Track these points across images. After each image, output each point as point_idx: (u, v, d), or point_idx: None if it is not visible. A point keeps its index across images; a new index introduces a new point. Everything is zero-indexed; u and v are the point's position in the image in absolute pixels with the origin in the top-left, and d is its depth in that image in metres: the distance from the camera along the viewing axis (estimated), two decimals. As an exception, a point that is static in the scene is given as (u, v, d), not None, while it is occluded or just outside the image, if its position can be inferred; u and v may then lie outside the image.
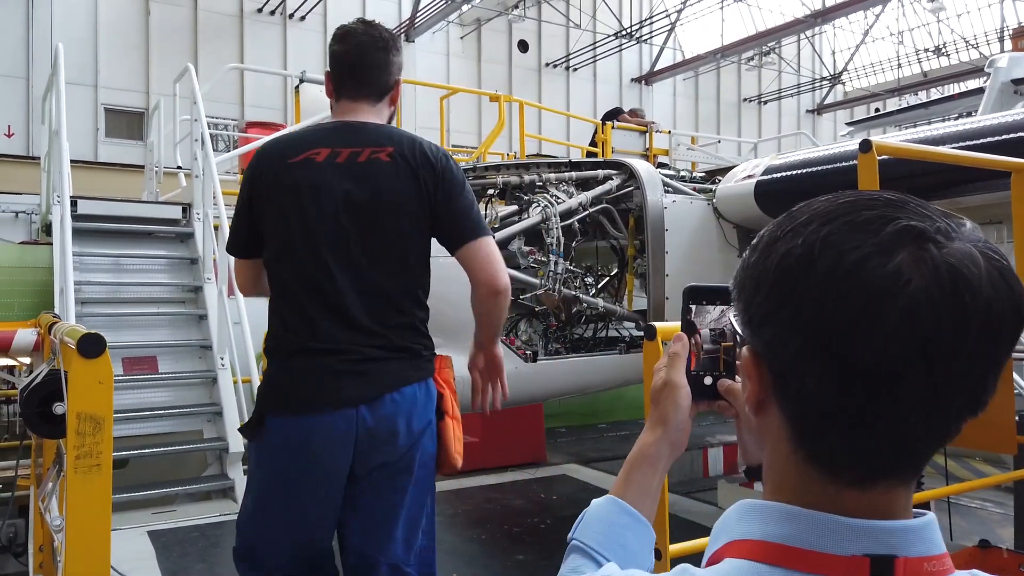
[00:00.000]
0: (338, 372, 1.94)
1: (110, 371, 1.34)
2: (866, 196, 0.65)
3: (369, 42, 2.14)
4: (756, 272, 0.66)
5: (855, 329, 0.59)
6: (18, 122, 15.77)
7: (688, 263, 4.33)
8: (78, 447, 1.27)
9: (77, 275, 5.48)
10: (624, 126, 8.53)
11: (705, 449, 7.15)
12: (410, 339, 2.07)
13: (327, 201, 1.99)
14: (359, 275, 2.00)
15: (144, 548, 4.00)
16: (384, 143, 2.05)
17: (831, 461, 0.64)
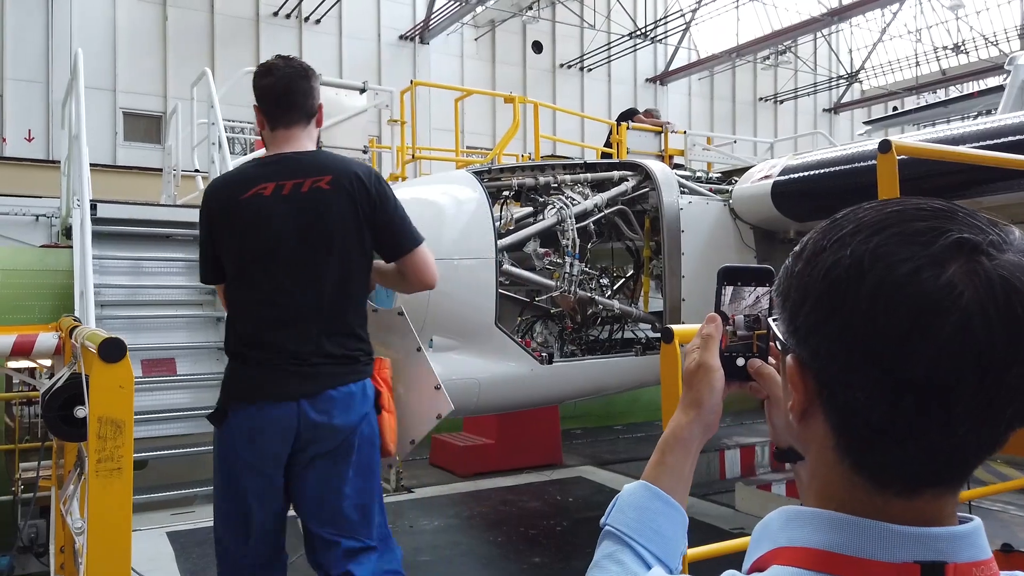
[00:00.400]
0: (287, 372, 2.26)
1: (131, 375, 1.35)
2: (914, 205, 0.65)
3: (292, 72, 2.41)
4: (802, 282, 0.66)
5: (906, 342, 0.59)
6: (38, 126, 15.96)
7: (704, 264, 4.31)
8: (99, 451, 1.28)
9: (97, 278, 5.53)
10: (639, 127, 8.50)
11: (722, 451, 7.11)
12: (350, 347, 2.35)
13: (277, 230, 2.29)
14: (306, 293, 2.30)
15: (163, 549, 4.03)
16: (323, 172, 2.33)
17: (880, 471, 0.64)
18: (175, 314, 6.00)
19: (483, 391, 3.84)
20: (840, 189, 3.90)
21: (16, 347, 2.50)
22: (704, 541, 3.80)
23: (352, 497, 2.30)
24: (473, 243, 3.75)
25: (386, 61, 19.46)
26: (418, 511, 5.03)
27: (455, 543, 4.44)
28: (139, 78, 16.86)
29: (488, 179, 4.09)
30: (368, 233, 2.36)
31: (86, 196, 5.51)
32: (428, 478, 6.02)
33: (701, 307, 4.31)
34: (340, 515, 2.29)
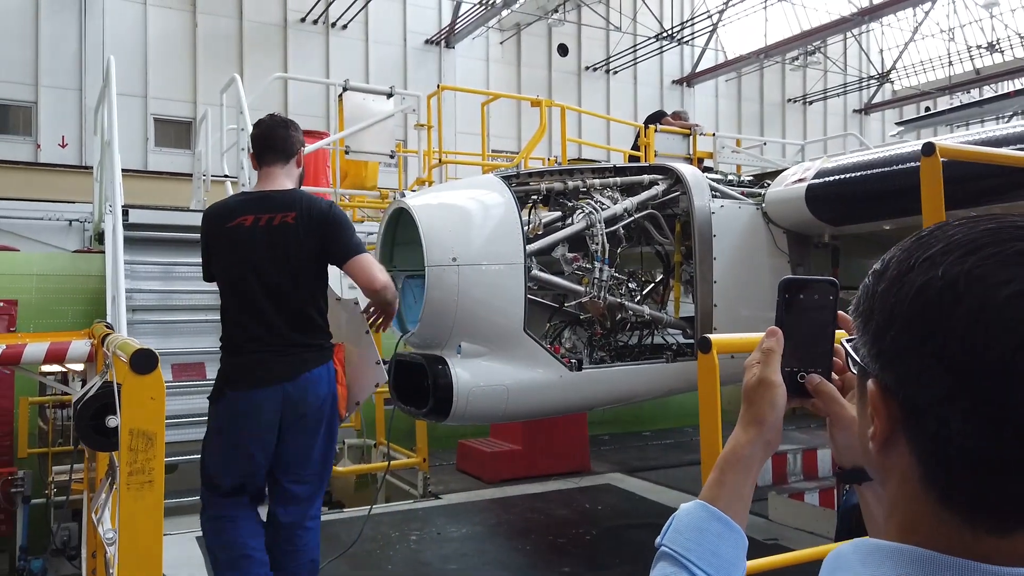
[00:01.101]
0: (269, 363, 2.96)
1: (162, 387, 1.33)
2: (1010, 224, 0.61)
3: (274, 124, 3.25)
4: (887, 303, 0.62)
5: (1009, 372, 0.55)
6: (72, 133, 16.26)
7: (737, 269, 4.24)
8: (131, 463, 1.27)
9: (128, 283, 5.59)
10: (667, 129, 8.41)
11: (753, 458, 6.99)
12: (316, 338, 3.07)
13: (256, 254, 3.01)
14: (280, 301, 3.01)
15: (193, 554, 4.05)
16: (290, 209, 3.06)
17: (971, 507, 0.59)
18: (205, 319, 6.03)
19: (511, 398, 3.80)
20: (878, 192, 3.81)
21: (49, 355, 2.52)
22: (738, 552, 3.66)
23: (317, 459, 3.06)
24: (501, 248, 3.72)
25: (412, 65, 19.55)
26: (445, 518, 5.00)
27: (483, 551, 4.40)
28: (169, 85, 17.11)
29: (516, 183, 4.05)
30: (323, 253, 3.07)
31: (118, 202, 5.57)
32: (455, 484, 5.99)
33: (733, 313, 4.24)
34: (305, 470, 3.03)
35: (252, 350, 2.98)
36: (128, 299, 5.58)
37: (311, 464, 3.04)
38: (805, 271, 4.48)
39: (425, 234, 3.61)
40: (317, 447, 3.05)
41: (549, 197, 4.24)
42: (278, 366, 2.95)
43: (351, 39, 19.03)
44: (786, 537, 4.58)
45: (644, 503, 5.35)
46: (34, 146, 16.16)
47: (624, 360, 4.28)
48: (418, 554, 4.33)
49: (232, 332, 3.07)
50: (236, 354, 3.03)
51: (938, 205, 2.60)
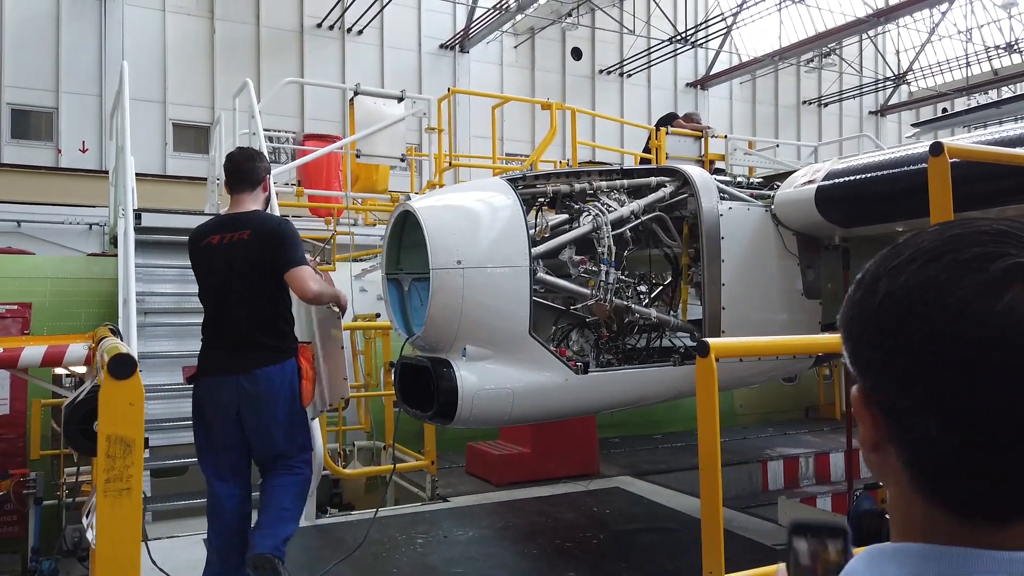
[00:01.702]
0: (229, 358, 3.50)
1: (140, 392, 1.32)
2: (975, 229, 0.61)
3: (242, 157, 3.80)
4: (862, 311, 0.63)
5: (972, 377, 0.55)
6: (92, 138, 16.44)
7: (745, 272, 4.19)
8: (108, 470, 1.25)
9: (141, 286, 5.63)
10: (679, 131, 8.36)
11: (765, 462, 6.93)
12: (273, 340, 3.55)
13: (221, 267, 3.58)
14: (242, 307, 3.53)
15: (199, 556, 4.05)
16: (246, 227, 3.58)
17: (961, 507, 0.60)
18: (216, 322, 6.06)
19: (517, 401, 3.78)
20: (888, 193, 3.76)
21: (46, 358, 2.53)
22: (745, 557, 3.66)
23: (280, 439, 3.52)
24: (507, 251, 3.70)
25: (427, 70, 19.61)
26: (452, 520, 4.99)
27: (489, 555, 4.38)
28: (188, 90, 17.27)
29: (523, 186, 4.04)
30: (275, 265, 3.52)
31: (130, 206, 5.62)
32: (463, 486, 5.98)
33: (742, 315, 4.19)
34: (272, 449, 3.54)
35: (218, 347, 3.58)
36: (141, 302, 5.63)
37: (274, 442, 3.54)
38: (815, 274, 4.43)
39: (430, 237, 3.61)
40: (277, 428, 3.52)
41: (556, 200, 4.23)
42: (236, 361, 3.49)
43: (367, 44, 19.11)
44: (797, 543, 4.52)
45: (653, 507, 5.30)
46: (55, 151, 16.35)
47: (631, 363, 4.25)
48: (424, 557, 4.31)
49: (206, 331, 3.67)
50: (207, 349, 3.63)
51: (946, 206, 2.56)
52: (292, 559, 4.23)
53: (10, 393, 5.70)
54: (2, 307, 6.03)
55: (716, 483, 1.95)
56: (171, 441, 5.28)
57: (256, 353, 3.48)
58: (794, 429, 7.97)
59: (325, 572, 3.96)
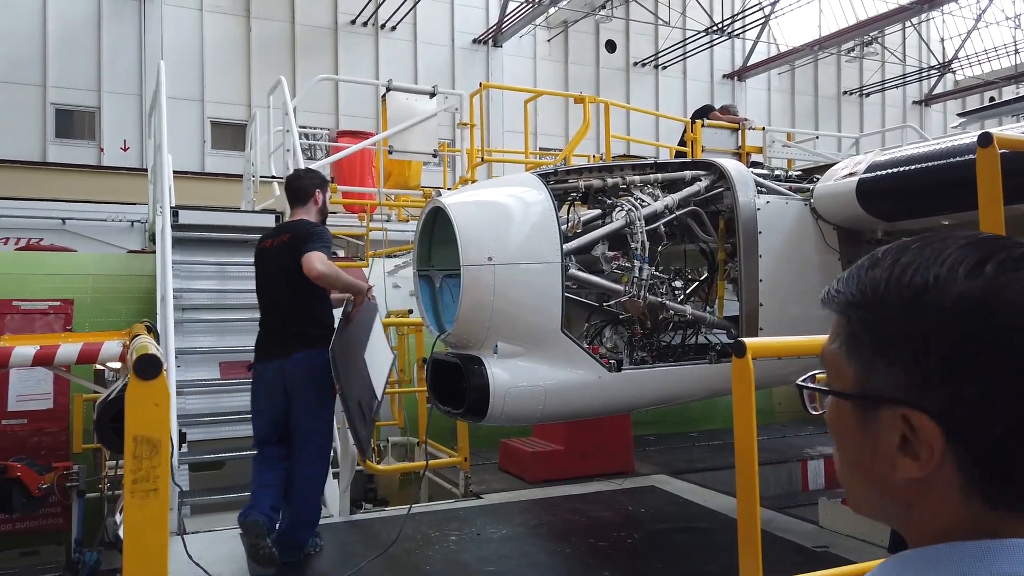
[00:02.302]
0: (275, 346, 4.12)
1: (166, 393, 1.32)
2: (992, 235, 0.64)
3: (293, 177, 4.54)
4: (923, 324, 0.62)
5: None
6: (133, 137, 16.77)
7: (784, 267, 4.09)
8: (135, 471, 1.25)
9: (179, 282, 5.71)
10: (715, 124, 8.22)
11: (805, 461, 6.80)
12: (305, 328, 4.09)
13: (268, 267, 4.22)
14: (281, 301, 4.15)
15: (236, 551, 4.09)
16: (287, 233, 4.22)
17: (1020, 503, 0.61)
18: (253, 317, 6.12)
19: (549, 399, 3.74)
20: (934, 186, 3.63)
21: (82, 355, 2.57)
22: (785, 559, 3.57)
23: (311, 415, 4.07)
24: (538, 247, 3.66)
25: (460, 65, 19.62)
26: (486, 518, 4.97)
27: (523, 553, 4.35)
28: (225, 88, 17.51)
29: (554, 181, 3.99)
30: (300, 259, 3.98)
31: (167, 203, 5.69)
32: (497, 484, 5.96)
33: (780, 312, 4.09)
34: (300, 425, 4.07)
35: (267, 337, 4.20)
36: (180, 298, 5.71)
37: (301, 419, 4.07)
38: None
39: (460, 233, 3.58)
40: (305, 408, 4.06)
41: (588, 195, 4.17)
42: (279, 348, 4.09)
43: (400, 40, 19.18)
44: (838, 545, 4.41)
45: (690, 506, 5.22)
46: (97, 150, 16.72)
47: (666, 361, 4.18)
48: (457, 555, 4.30)
49: (260, 324, 4.31)
50: (260, 339, 4.25)
51: (996, 199, 2.45)
52: (327, 555, 4.26)
53: (53, 388, 5.83)
54: (45, 304, 6.17)
55: (753, 484, 1.89)
56: (209, 436, 5.34)
57: (292, 340, 4.06)
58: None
59: (359, 568, 3.97)
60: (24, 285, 6.31)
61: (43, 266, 6.86)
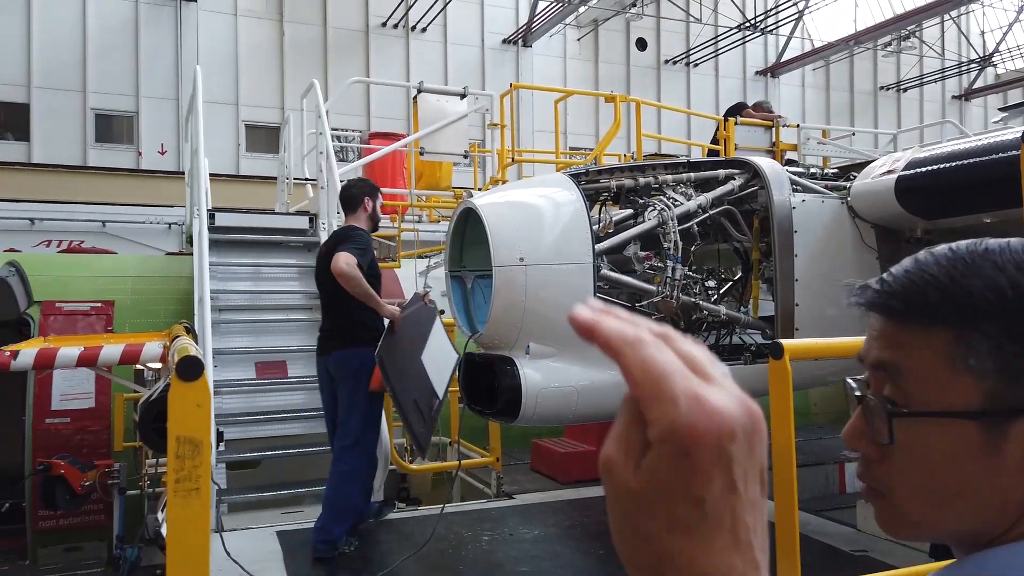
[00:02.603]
0: (323, 342, 4.52)
1: (208, 394, 1.34)
2: None
3: (344, 187, 4.87)
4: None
5: None
6: (170, 140, 17.10)
7: (820, 266, 4.03)
8: (177, 471, 1.28)
9: (216, 283, 5.81)
10: (748, 121, 8.12)
11: (841, 463, 6.69)
12: (347, 328, 4.37)
13: (320, 271, 4.52)
14: (328, 302, 4.51)
15: (272, 548, 4.15)
16: (333, 238, 4.59)
17: None
18: (288, 318, 6.21)
19: (581, 399, 3.73)
20: (976, 183, 3.55)
21: (124, 356, 2.62)
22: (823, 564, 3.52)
23: (346, 409, 4.33)
24: (570, 247, 3.65)
25: (490, 65, 19.66)
26: (518, 518, 4.98)
27: (555, 554, 4.35)
28: (259, 92, 17.77)
29: (586, 181, 3.98)
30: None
31: (203, 206, 5.79)
32: (528, 484, 5.96)
33: (817, 312, 4.03)
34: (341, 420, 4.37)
35: (320, 335, 4.58)
36: (216, 299, 5.80)
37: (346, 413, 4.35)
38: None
39: (492, 234, 3.59)
40: (346, 400, 4.34)
41: (620, 194, 4.15)
42: (324, 346, 4.47)
43: (430, 42, 19.28)
44: (877, 549, 4.33)
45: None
46: (136, 153, 17.08)
47: (699, 361, 4.13)
48: (490, 555, 4.31)
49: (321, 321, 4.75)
50: (318, 337, 4.62)
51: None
52: (361, 553, 4.30)
53: (95, 387, 5.97)
54: (87, 305, 6.31)
55: (792, 487, 1.87)
56: (245, 435, 5.42)
57: (335, 339, 4.40)
58: (871, 429, 7.66)
59: (394, 567, 4.00)
60: (67, 287, 6.46)
61: (85, 268, 7.02)
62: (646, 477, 0.41)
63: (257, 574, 3.78)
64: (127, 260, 8.19)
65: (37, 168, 15.60)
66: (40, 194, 14.20)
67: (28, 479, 5.55)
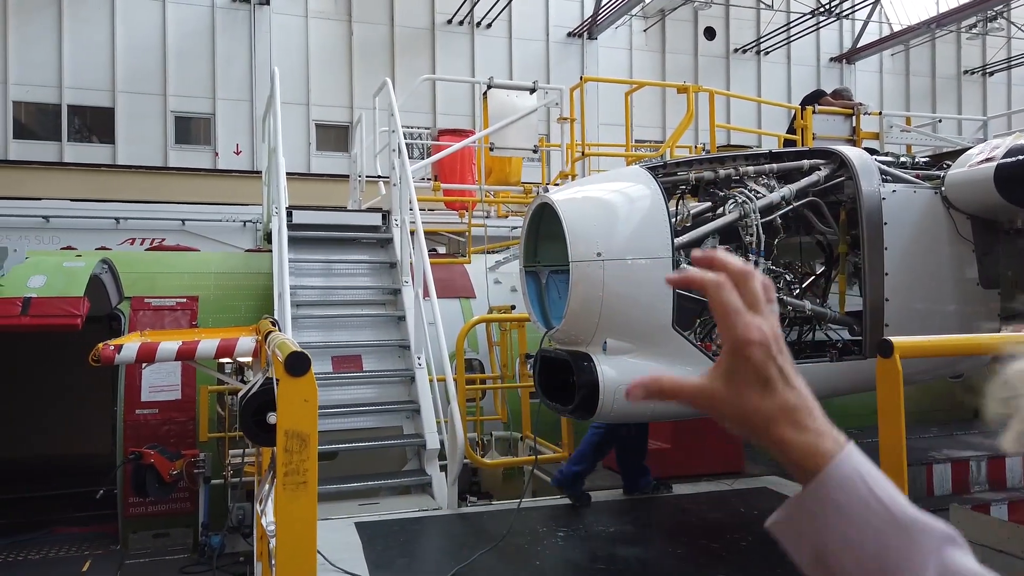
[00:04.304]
0: None
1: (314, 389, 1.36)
2: None
3: None
4: None
5: None
6: (245, 141, 17.62)
7: (912, 260, 3.86)
8: (286, 464, 1.30)
9: (292, 279, 5.95)
10: (827, 110, 7.84)
11: (929, 466, 6.40)
12: None
13: None
14: None
15: (352, 539, 4.23)
16: None
17: None
18: (361, 313, 6.31)
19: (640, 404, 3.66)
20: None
21: (219, 350, 2.70)
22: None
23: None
24: (648, 242, 3.59)
25: (555, 59, 19.57)
26: (593, 515, 4.93)
27: (632, 552, 4.29)
28: (329, 92, 18.14)
29: (663, 174, 3.90)
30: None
31: (283, 205, 5.93)
32: (601, 480, 5.90)
33: (908, 307, 3.87)
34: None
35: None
36: (292, 295, 5.94)
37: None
38: (994, 261, 4.01)
39: (569, 229, 3.56)
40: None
41: (698, 187, 4.06)
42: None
43: (495, 37, 19.31)
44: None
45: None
46: (213, 154, 17.66)
47: (782, 358, 4.01)
48: (565, 552, 4.29)
49: None
50: None
51: None
52: (438, 546, 4.33)
53: (181, 380, 6.20)
54: (173, 300, 6.56)
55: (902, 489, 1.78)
56: (324, 427, 5.54)
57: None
58: (962, 430, 7.31)
59: (472, 560, 4.02)
60: (154, 283, 6.73)
61: (171, 265, 7.30)
62: (728, 376, 0.71)
63: (339, 563, 3.85)
64: (210, 257, 8.47)
65: (122, 169, 16.31)
66: (124, 194, 14.84)
67: (120, 468, 5.80)
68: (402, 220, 6.25)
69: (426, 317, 5.51)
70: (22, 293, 5.27)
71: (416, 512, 4.88)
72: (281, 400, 1.31)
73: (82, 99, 16.83)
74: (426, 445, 5.34)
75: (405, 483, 5.41)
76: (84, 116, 17.15)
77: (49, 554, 6.18)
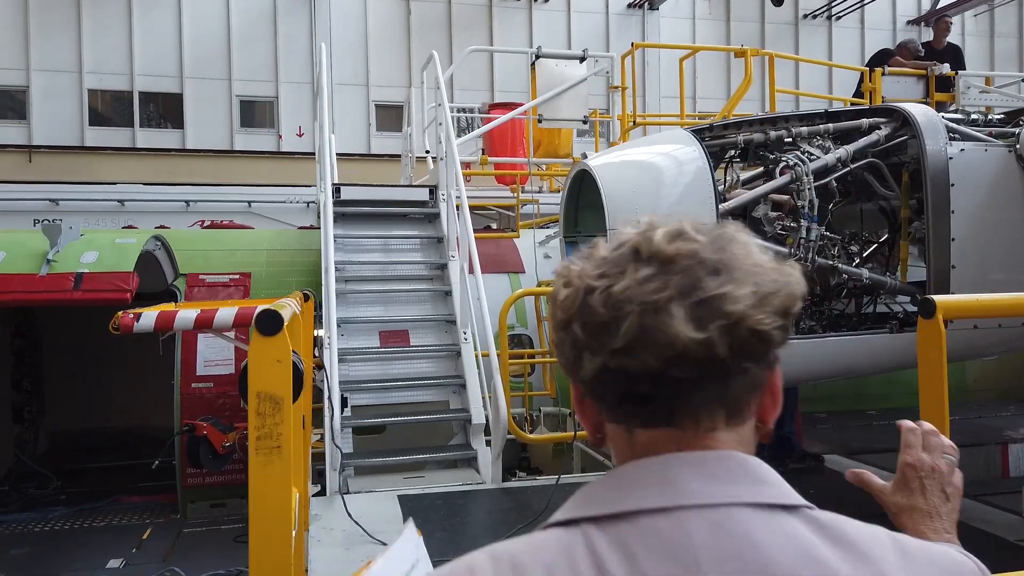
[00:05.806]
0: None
1: (288, 349, 1.29)
2: None
3: None
4: None
5: None
6: (307, 123, 17.87)
7: (982, 224, 3.58)
8: (258, 428, 1.24)
9: (341, 255, 5.97)
10: (897, 71, 7.38)
11: (1005, 446, 6.04)
12: None
13: None
14: None
15: (393, 512, 4.22)
16: None
17: None
18: (409, 288, 6.30)
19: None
20: None
21: (237, 318, 2.69)
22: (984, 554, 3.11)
23: None
24: (691, 208, 3.42)
25: (614, 32, 19.16)
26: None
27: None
28: (387, 71, 18.20)
29: (709, 137, 3.72)
30: None
31: (328, 181, 5.94)
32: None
33: (977, 276, 3.59)
34: None
35: None
36: (341, 270, 5.97)
37: None
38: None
39: (607, 196, 3.42)
40: None
41: (748, 150, 3.85)
42: None
43: (553, 11, 19.02)
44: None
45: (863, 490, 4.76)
46: (276, 137, 17.98)
47: (838, 330, 3.80)
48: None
49: None
50: None
51: None
52: (478, 520, 4.29)
53: (234, 354, 6.32)
54: (227, 277, 6.69)
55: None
56: (372, 401, 5.57)
57: None
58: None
59: (509, 535, 3.97)
60: (209, 260, 6.87)
61: (224, 243, 7.45)
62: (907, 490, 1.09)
63: (377, 535, 3.85)
64: (262, 234, 8.62)
65: (190, 153, 16.79)
66: (193, 177, 15.28)
67: (176, 438, 5.97)
68: (448, 195, 6.19)
69: (472, 292, 5.45)
70: (75, 269, 5.46)
71: (460, 486, 4.85)
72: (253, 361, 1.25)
73: (152, 85, 17.34)
74: (471, 420, 5.30)
75: (451, 457, 5.39)
76: (155, 102, 17.68)
77: (112, 522, 6.43)
